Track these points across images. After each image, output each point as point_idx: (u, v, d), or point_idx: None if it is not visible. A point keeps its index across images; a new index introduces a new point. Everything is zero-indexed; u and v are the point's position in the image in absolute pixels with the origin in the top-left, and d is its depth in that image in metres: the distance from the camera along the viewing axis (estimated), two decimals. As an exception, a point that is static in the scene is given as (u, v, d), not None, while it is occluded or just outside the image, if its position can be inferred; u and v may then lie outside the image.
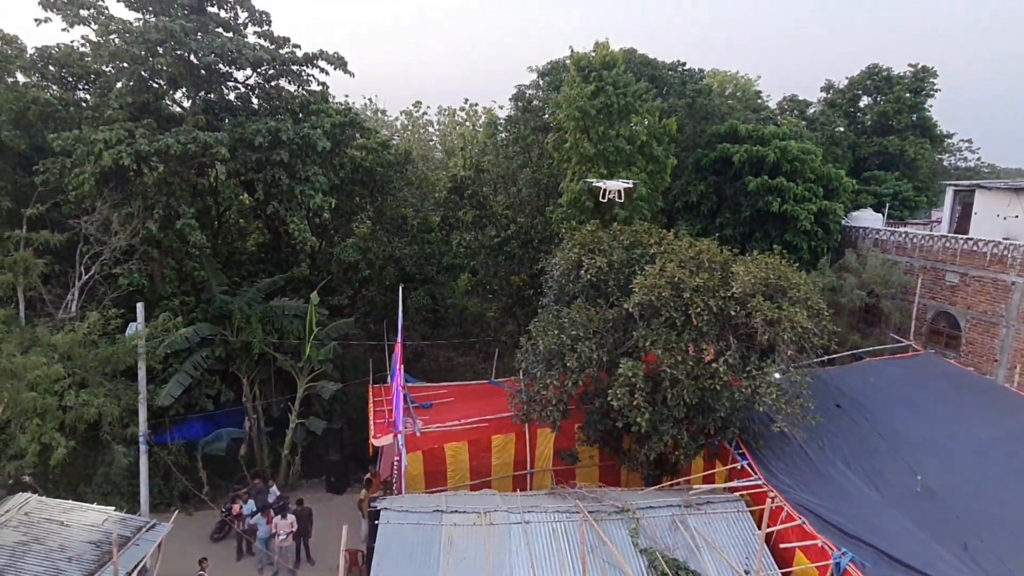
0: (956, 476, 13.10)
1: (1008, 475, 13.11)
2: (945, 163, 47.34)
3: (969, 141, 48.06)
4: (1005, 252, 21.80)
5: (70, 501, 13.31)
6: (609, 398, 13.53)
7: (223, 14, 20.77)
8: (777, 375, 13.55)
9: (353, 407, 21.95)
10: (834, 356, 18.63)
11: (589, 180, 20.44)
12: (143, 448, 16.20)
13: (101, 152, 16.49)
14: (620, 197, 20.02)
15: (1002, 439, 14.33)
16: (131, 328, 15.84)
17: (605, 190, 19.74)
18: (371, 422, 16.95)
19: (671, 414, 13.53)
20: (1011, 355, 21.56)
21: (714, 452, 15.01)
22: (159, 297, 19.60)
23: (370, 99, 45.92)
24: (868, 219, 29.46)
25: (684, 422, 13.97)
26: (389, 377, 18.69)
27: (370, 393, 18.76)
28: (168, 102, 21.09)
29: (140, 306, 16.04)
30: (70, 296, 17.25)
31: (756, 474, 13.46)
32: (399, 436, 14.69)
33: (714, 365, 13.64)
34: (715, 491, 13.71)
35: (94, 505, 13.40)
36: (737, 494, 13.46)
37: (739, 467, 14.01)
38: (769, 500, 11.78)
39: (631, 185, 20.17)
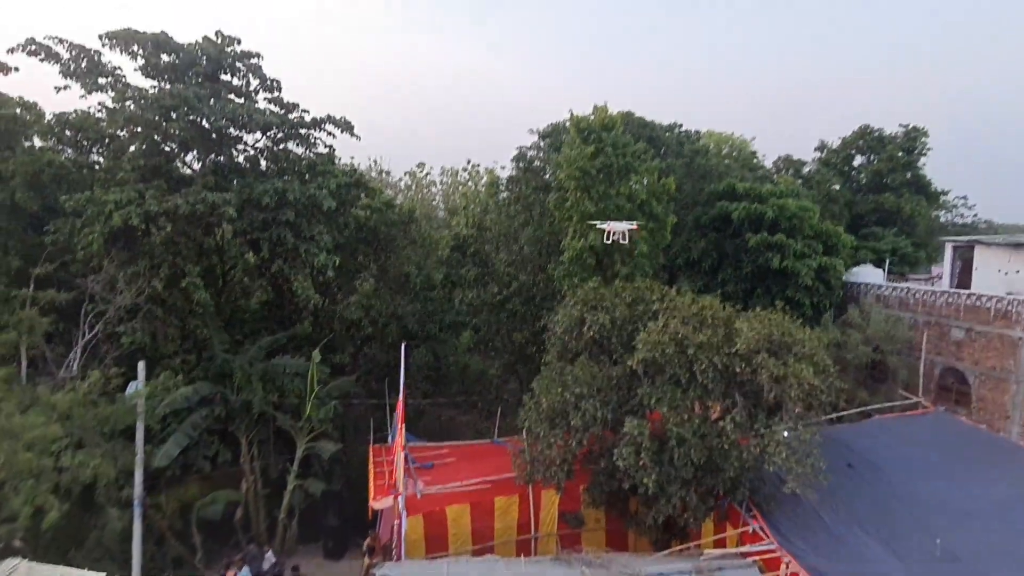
0: (976, 539, 12.67)
1: (1030, 538, 12.68)
2: (942, 219, 47.94)
3: (965, 198, 48.88)
4: (1010, 307, 21.81)
5: (60, 567, 12.88)
6: (615, 458, 13.27)
7: (235, 81, 21.64)
8: (785, 433, 13.31)
9: (353, 468, 21.46)
10: (843, 414, 18.38)
11: (594, 222, 20.82)
12: (137, 511, 15.79)
13: (111, 212, 16.85)
14: (624, 239, 20.34)
15: (1021, 500, 13.94)
16: (131, 387, 15.74)
17: (610, 232, 20.10)
18: (371, 484, 16.57)
19: (679, 474, 13.22)
20: (1023, 412, 21.23)
21: (724, 514, 14.58)
22: (161, 356, 19.57)
23: (375, 160, 47.13)
24: (869, 275, 29.64)
25: (692, 483, 13.60)
26: (390, 436, 18.39)
27: (371, 453, 18.39)
28: (179, 164, 21.68)
29: (141, 365, 15.98)
30: (72, 355, 17.22)
31: (769, 538, 13.03)
32: (399, 498, 14.33)
33: (721, 423, 13.43)
34: (727, 556, 13.23)
35: (85, 571, 12.95)
36: (750, 559, 12.96)
37: (751, 530, 13.58)
38: (784, 565, 11.38)
39: (635, 226, 20.53)
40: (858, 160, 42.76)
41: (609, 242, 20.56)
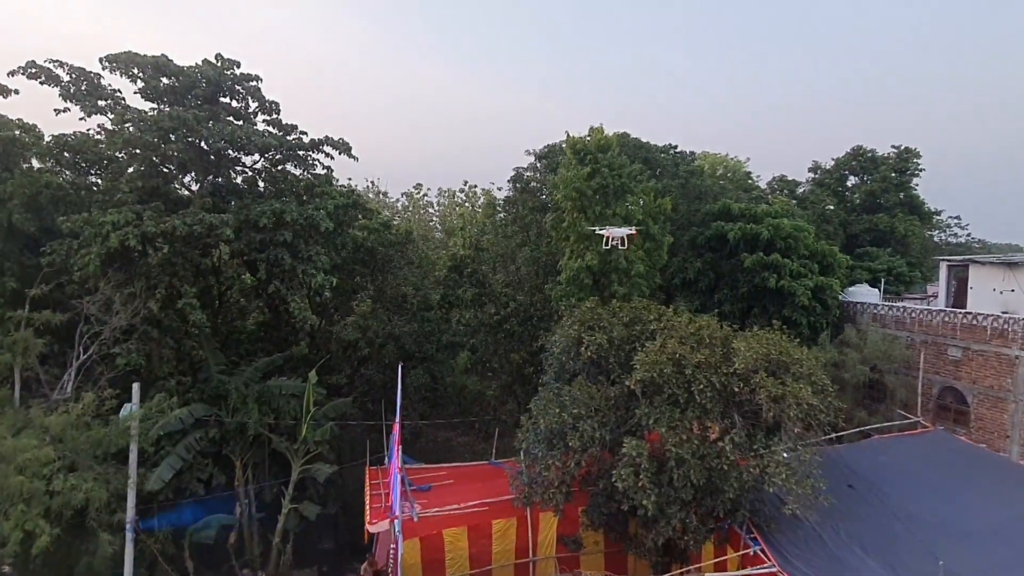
0: (979, 561, 12.52)
1: (1033, 559, 12.54)
2: (936, 239, 48.28)
3: (958, 218, 49.31)
4: (1006, 326, 21.84)
5: (49, 594, 12.64)
6: (613, 479, 13.11)
7: (235, 104, 21.83)
8: (785, 454, 13.21)
9: (349, 490, 21.24)
10: (842, 433, 18.29)
11: (593, 227, 20.87)
12: (129, 536, 15.54)
13: (108, 233, 16.83)
14: (623, 244, 20.40)
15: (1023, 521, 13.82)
16: (125, 409, 15.59)
17: (609, 237, 20.12)
18: (367, 506, 16.36)
19: (678, 496, 13.07)
20: (1023, 431, 21.15)
21: (724, 537, 14.40)
22: (156, 377, 19.41)
23: (372, 181, 47.43)
24: (865, 294, 29.70)
25: (692, 504, 13.45)
26: (387, 458, 18.21)
27: (367, 475, 18.18)
28: (177, 186, 21.74)
29: (136, 387, 15.86)
30: (66, 376, 17.08)
31: (770, 560, 12.86)
32: (396, 522, 14.14)
33: (720, 444, 13.32)
34: (728, 579, 13.06)
35: (74, 599, 12.72)
36: (751, 582, 12.80)
37: (751, 553, 13.41)
38: (785, 589, 11.20)
39: (634, 231, 20.56)
40: (851, 180, 43.12)
41: (608, 247, 20.56)
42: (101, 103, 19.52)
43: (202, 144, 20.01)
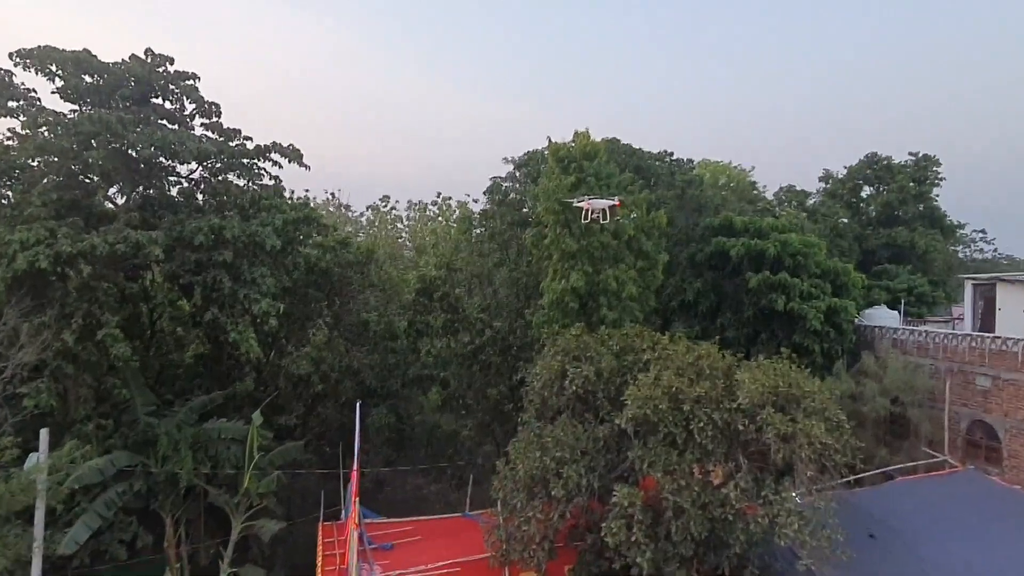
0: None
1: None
2: (960, 255, 49.25)
3: (983, 231, 50.46)
4: (1038, 351, 22.02)
5: None
6: (603, 533, 12.94)
7: (168, 105, 21.56)
8: (798, 500, 13.07)
9: (299, 551, 20.73)
10: (861, 476, 18.17)
11: (570, 200, 20.68)
12: (33, 611, 14.83)
13: (15, 254, 16.36)
14: (605, 217, 20.24)
15: (1066, 572, 13.73)
16: (31, 459, 15.00)
17: (588, 210, 19.93)
18: (319, 570, 15.92)
19: (677, 551, 12.87)
20: (1061, 470, 21.22)
21: (731, 598, 14.14)
22: (71, 421, 18.86)
23: (333, 193, 47.22)
24: (884, 317, 29.90)
25: (693, 561, 13.27)
26: (344, 512, 17.77)
27: (320, 532, 17.75)
28: (100, 198, 21.30)
29: (44, 432, 15.31)
30: (-40, 423, 16.40)
31: (783, 625, 12.60)
32: (351, 588, 13.67)
33: (724, 490, 13.15)
34: (735, 648, 12.75)
35: None
36: (762, 652, 12.51)
37: (762, 616, 13.14)
38: (801, 659, 10.92)
39: (617, 202, 20.38)
40: (866, 191, 43.92)
41: (587, 221, 20.38)
42: (12, 104, 19.17)
43: (129, 151, 19.71)
